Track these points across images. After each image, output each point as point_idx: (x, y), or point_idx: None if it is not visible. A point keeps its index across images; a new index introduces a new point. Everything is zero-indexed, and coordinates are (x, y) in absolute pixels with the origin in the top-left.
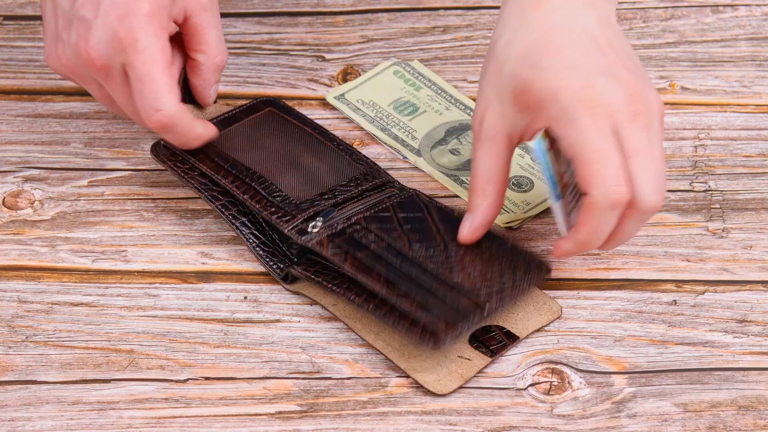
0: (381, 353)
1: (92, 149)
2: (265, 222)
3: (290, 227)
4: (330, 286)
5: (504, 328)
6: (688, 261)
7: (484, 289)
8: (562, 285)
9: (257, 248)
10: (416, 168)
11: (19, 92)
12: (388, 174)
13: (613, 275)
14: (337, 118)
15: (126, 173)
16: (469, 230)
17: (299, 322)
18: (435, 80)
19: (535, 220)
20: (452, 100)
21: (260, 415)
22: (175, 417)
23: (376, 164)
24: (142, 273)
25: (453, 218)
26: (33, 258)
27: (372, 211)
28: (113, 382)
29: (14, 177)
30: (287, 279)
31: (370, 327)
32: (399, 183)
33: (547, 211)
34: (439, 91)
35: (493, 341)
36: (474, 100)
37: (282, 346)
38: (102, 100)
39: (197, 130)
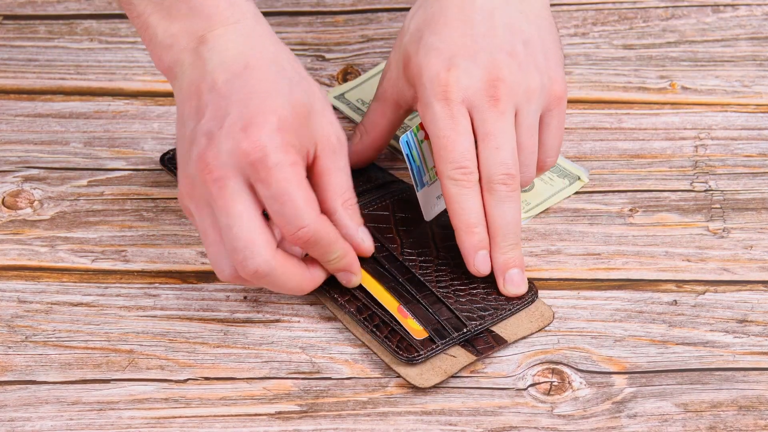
0: (367, 346)
1: (92, 149)
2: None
3: None
4: (324, 291)
5: (493, 331)
6: (689, 261)
7: (468, 307)
8: (563, 285)
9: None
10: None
11: (18, 92)
12: (392, 175)
13: (613, 275)
14: (338, 117)
15: (126, 173)
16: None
17: (299, 322)
18: None
19: (535, 220)
20: None
21: (260, 415)
22: (175, 417)
23: (376, 165)
24: (142, 273)
25: (450, 224)
26: (32, 258)
27: (369, 207)
28: (113, 382)
29: (14, 177)
30: None
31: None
32: (404, 183)
33: (547, 211)
34: None
35: (481, 342)
36: None
37: (282, 346)
38: (207, 235)
39: (343, 245)
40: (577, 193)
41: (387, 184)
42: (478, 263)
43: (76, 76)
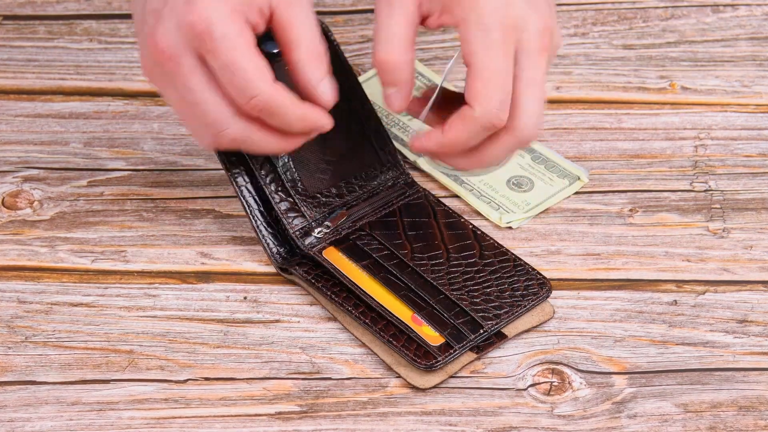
0: (367, 346)
1: (92, 149)
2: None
3: (296, 228)
4: (330, 294)
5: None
6: (689, 261)
7: (483, 307)
8: (563, 285)
9: (261, 227)
10: (416, 168)
11: (18, 92)
12: (404, 167)
13: (613, 275)
14: None
15: (125, 173)
16: (402, 102)
17: (299, 322)
18: (435, 80)
19: (535, 220)
20: None
21: (260, 415)
22: (175, 417)
23: (395, 155)
24: (142, 273)
25: (459, 224)
26: (32, 258)
27: (378, 214)
28: (113, 382)
29: (13, 177)
30: (284, 271)
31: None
32: (410, 177)
33: (547, 211)
34: None
35: (484, 339)
36: None
37: (282, 346)
38: (178, 109)
39: (298, 111)
40: (577, 193)
41: (398, 178)
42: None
43: (76, 77)
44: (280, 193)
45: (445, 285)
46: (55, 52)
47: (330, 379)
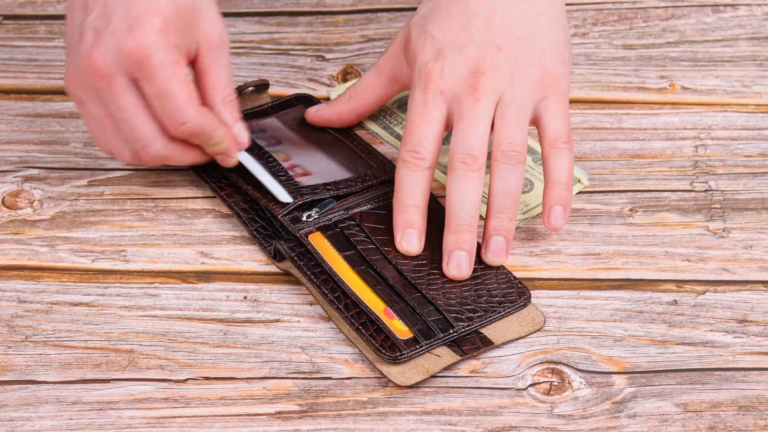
0: (354, 344)
1: (92, 149)
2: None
3: (284, 212)
4: (309, 273)
5: (481, 333)
6: (689, 261)
7: (457, 308)
8: (563, 285)
9: (250, 223)
10: None
11: (18, 92)
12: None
13: (613, 275)
14: None
15: (125, 173)
16: (314, 113)
17: (299, 322)
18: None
19: (536, 220)
20: None
21: (260, 415)
22: (175, 417)
23: (390, 162)
24: (142, 273)
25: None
26: (32, 258)
27: (370, 205)
28: (113, 382)
29: (14, 177)
30: (276, 256)
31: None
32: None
33: None
34: None
35: (467, 343)
36: None
37: (282, 346)
38: (100, 125)
39: (221, 131)
40: (577, 192)
41: (391, 180)
42: (403, 240)
43: None
44: (266, 193)
45: (423, 285)
46: (55, 52)
47: (330, 378)
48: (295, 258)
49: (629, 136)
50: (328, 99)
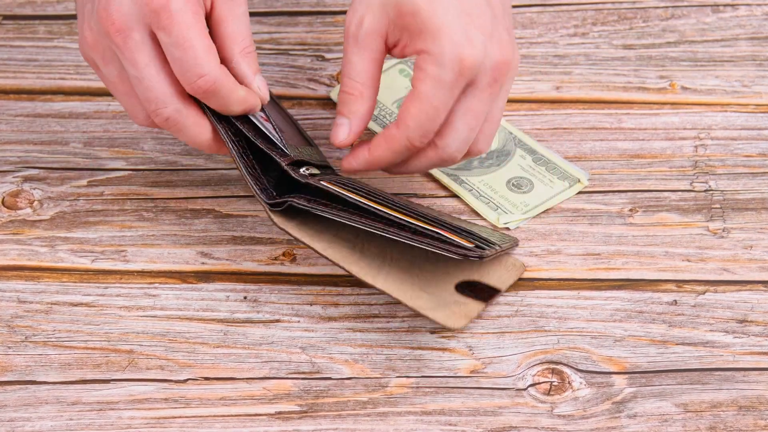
0: (385, 293)
1: (92, 149)
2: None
3: (287, 162)
4: (342, 214)
5: (485, 284)
6: (689, 261)
7: (477, 235)
8: (563, 285)
9: (249, 169)
10: None
11: (18, 92)
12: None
13: (613, 275)
14: None
15: (125, 173)
16: (348, 136)
17: (299, 322)
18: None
19: (535, 220)
20: None
21: (260, 415)
22: (175, 417)
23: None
24: (142, 273)
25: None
26: (32, 258)
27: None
28: (113, 382)
29: (13, 177)
30: (279, 208)
31: (368, 268)
32: None
33: (547, 212)
34: None
35: (482, 292)
36: None
37: (282, 346)
38: (116, 86)
39: (240, 93)
40: (577, 192)
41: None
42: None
43: (76, 76)
44: (260, 139)
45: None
46: (55, 52)
47: (330, 378)
48: (317, 207)
49: (629, 136)
50: (328, 98)
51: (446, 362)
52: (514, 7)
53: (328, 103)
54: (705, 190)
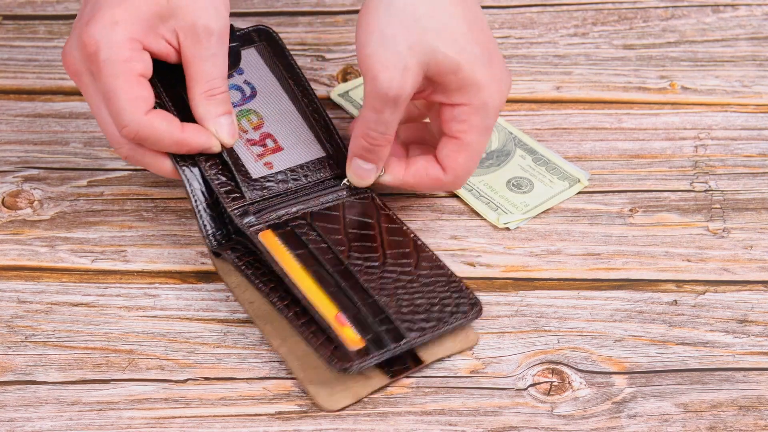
0: (281, 359)
1: (92, 149)
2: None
3: (234, 207)
4: (257, 282)
5: (412, 350)
6: (689, 261)
7: (410, 317)
8: (563, 285)
9: (201, 207)
10: None
11: (18, 92)
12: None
13: (613, 275)
14: (340, 117)
15: (125, 173)
16: (374, 179)
17: None
18: None
19: (535, 220)
20: None
21: (260, 415)
22: (175, 417)
23: (343, 150)
24: (142, 273)
25: (400, 231)
26: (32, 258)
27: (321, 206)
28: (113, 382)
29: (14, 177)
30: (217, 255)
31: (278, 332)
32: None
33: (547, 212)
34: None
35: (398, 363)
36: None
37: None
38: (96, 116)
39: (175, 137)
40: (577, 192)
41: (340, 177)
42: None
43: None
44: (220, 175)
45: (376, 289)
46: (55, 52)
47: None
48: (243, 267)
49: (629, 136)
50: (328, 99)
51: (446, 362)
52: (515, 7)
53: (328, 103)
54: (705, 190)
